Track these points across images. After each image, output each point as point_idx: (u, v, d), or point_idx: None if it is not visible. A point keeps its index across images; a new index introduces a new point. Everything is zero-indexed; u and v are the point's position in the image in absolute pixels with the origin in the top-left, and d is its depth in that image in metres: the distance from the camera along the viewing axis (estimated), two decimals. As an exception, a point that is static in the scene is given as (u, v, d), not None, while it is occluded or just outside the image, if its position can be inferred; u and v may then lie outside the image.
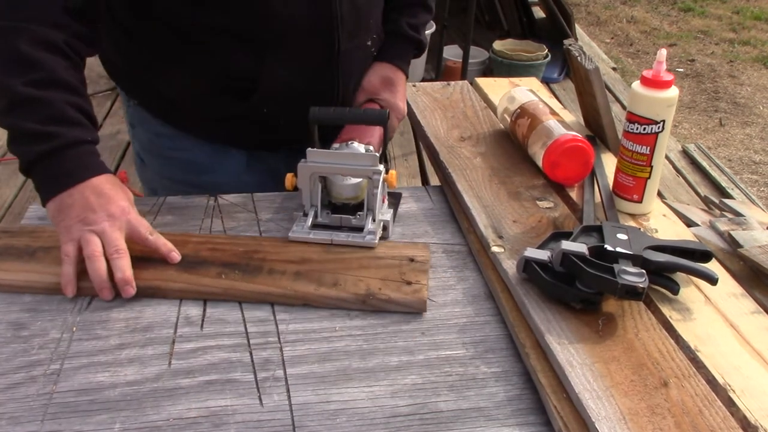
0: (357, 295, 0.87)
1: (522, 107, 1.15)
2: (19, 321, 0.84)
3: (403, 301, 0.87)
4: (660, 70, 0.95)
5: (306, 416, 0.72)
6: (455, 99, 1.35)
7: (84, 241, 0.86)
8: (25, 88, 0.88)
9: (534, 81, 1.46)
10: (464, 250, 0.99)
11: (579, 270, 0.80)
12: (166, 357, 0.79)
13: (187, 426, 0.70)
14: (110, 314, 0.85)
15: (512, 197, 1.04)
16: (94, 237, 0.86)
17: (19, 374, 0.76)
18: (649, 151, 0.98)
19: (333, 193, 1.01)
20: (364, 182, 1.00)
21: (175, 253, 0.91)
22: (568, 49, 1.20)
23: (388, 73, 1.21)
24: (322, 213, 0.99)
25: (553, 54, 3.82)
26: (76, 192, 0.88)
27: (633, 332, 0.78)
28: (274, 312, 0.86)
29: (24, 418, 0.71)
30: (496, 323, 0.85)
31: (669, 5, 5.88)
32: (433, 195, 1.13)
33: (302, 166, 0.98)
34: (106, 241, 0.86)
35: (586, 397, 0.69)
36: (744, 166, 3.53)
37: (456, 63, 3.70)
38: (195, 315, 0.85)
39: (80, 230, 0.86)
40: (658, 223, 1.01)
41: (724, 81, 4.49)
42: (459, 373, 0.78)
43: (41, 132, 0.88)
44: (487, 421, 0.72)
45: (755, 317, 0.83)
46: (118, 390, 0.74)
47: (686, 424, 0.67)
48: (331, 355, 0.80)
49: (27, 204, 2.78)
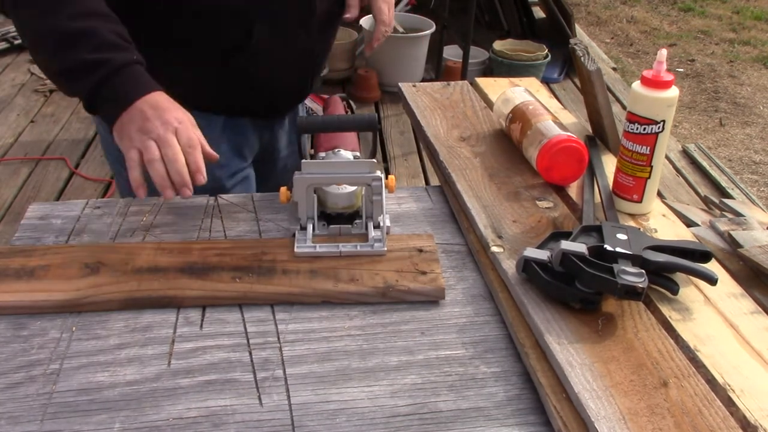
0: (376, 288, 0.87)
1: (513, 111, 1.16)
2: (18, 321, 0.84)
3: (423, 290, 0.88)
4: (660, 70, 0.95)
5: (305, 416, 0.72)
6: (455, 99, 1.35)
7: (144, 147, 0.92)
8: (69, 22, 0.93)
9: (534, 81, 1.46)
10: (464, 250, 0.99)
11: (578, 270, 0.80)
12: (166, 357, 0.79)
13: (187, 426, 0.70)
14: (110, 314, 0.85)
15: (512, 197, 1.04)
16: (152, 143, 0.92)
17: (19, 374, 0.76)
18: (649, 151, 0.98)
19: (328, 204, 0.99)
20: (359, 190, 0.99)
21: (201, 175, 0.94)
22: (573, 48, 1.20)
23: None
24: (319, 225, 0.98)
25: (553, 54, 3.82)
26: (133, 109, 0.94)
27: (632, 332, 0.79)
28: (274, 312, 0.86)
29: (23, 417, 0.71)
30: (496, 323, 0.85)
31: (669, 5, 5.88)
32: (433, 195, 1.13)
33: (299, 179, 0.95)
34: (162, 145, 0.92)
35: (585, 397, 0.69)
36: (744, 166, 3.53)
37: (456, 63, 3.70)
38: (194, 315, 0.85)
39: (140, 138, 0.93)
40: (658, 223, 1.01)
41: (724, 81, 4.49)
42: (459, 373, 0.78)
43: (94, 60, 0.93)
44: (486, 420, 0.72)
45: (755, 317, 0.83)
46: (118, 390, 0.74)
47: (686, 424, 0.67)
48: (331, 355, 0.80)
49: (27, 204, 2.78)
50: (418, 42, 3.70)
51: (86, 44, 0.94)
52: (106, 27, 0.96)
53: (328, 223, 0.98)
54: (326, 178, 0.96)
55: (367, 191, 0.97)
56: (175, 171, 0.91)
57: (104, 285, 0.87)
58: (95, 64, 0.94)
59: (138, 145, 0.93)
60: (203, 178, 0.93)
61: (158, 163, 0.91)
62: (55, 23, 0.94)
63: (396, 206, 1.09)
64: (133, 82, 0.96)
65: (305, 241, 0.95)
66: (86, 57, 0.93)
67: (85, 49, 0.94)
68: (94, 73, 0.94)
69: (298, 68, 1.24)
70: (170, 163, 0.91)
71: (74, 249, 0.94)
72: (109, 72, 0.94)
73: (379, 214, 0.98)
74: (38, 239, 0.99)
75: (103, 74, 0.94)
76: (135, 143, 0.93)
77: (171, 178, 0.91)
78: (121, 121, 0.94)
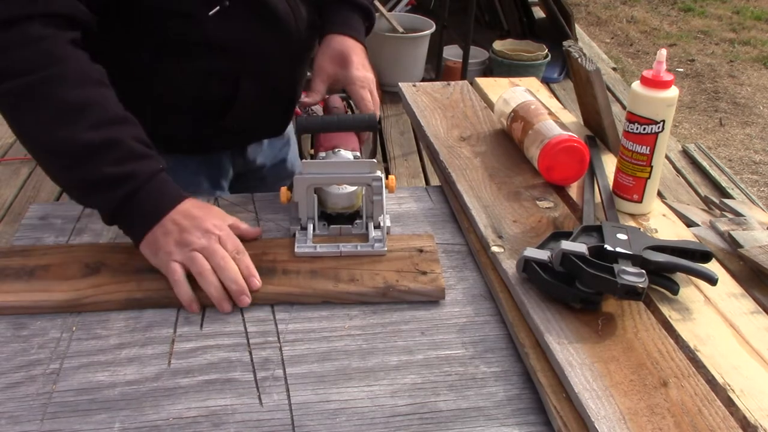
0: (376, 288, 0.87)
1: (515, 110, 1.16)
2: (18, 320, 0.84)
3: (423, 290, 0.88)
4: (660, 70, 0.95)
5: (305, 416, 0.72)
6: (455, 99, 1.35)
7: (189, 260, 0.85)
8: (90, 132, 0.84)
9: (534, 81, 1.46)
10: (464, 249, 0.99)
11: (579, 270, 0.80)
12: (166, 356, 0.79)
13: (187, 425, 0.70)
14: (110, 314, 0.85)
15: (512, 197, 1.04)
16: (196, 254, 0.85)
17: (19, 373, 0.76)
18: (649, 151, 0.98)
19: (328, 204, 0.99)
20: (359, 190, 0.99)
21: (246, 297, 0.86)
22: (568, 50, 1.20)
23: (337, 47, 1.11)
24: (319, 225, 0.98)
25: (553, 54, 3.82)
26: (167, 221, 0.87)
27: (632, 332, 0.79)
28: (274, 312, 0.86)
29: (23, 417, 0.71)
30: (496, 323, 0.85)
31: (669, 5, 5.88)
32: (433, 195, 1.13)
33: (299, 179, 0.95)
34: (208, 255, 0.86)
35: (585, 397, 0.69)
36: (744, 166, 3.53)
37: (456, 63, 3.70)
38: (194, 314, 0.85)
39: (181, 251, 0.86)
40: (658, 223, 1.01)
41: (724, 81, 4.49)
42: (459, 373, 0.78)
43: (120, 174, 0.85)
44: (486, 420, 0.72)
45: (755, 317, 0.83)
46: (118, 389, 0.74)
47: (686, 424, 0.67)
48: (331, 355, 0.80)
49: (27, 204, 2.78)
50: (418, 42, 3.70)
51: (109, 156, 0.85)
52: (129, 134, 0.88)
53: (328, 224, 0.98)
54: (326, 178, 0.96)
55: (367, 191, 0.97)
56: (230, 279, 0.85)
57: (104, 285, 0.87)
58: (119, 179, 0.85)
59: (179, 258, 0.85)
60: (258, 282, 0.86)
61: (210, 275, 0.84)
62: (74, 134, 0.84)
63: (396, 206, 1.09)
64: (160, 194, 0.89)
65: (305, 241, 0.95)
66: (109, 171, 0.85)
67: (108, 162, 0.85)
68: (118, 188, 0.86)
69: (281, 109, 1.20)
70: (222, 271, 0.85)
71: (74, 249, 0.94)
72: (134, 187, 0.86)
73: (379, 214, 0.97)
74: (38, 239, 0.99)
75: (128, 190, 0.86)
76: (175, 257, 0.85)
77: (226, 287, 0.85)
78: (153, 235, 0.87)
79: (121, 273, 0.89)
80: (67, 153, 0.85)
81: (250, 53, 1.05)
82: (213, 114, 1.10)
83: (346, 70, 1.10)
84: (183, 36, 1.00)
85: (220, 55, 1.04)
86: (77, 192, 0.90)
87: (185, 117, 1.08)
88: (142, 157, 0.88)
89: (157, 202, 0.88)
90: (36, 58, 0.84)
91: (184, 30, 1.00)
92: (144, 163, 0.88)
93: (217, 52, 1.03)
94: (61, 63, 0.86)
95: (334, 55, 1.11)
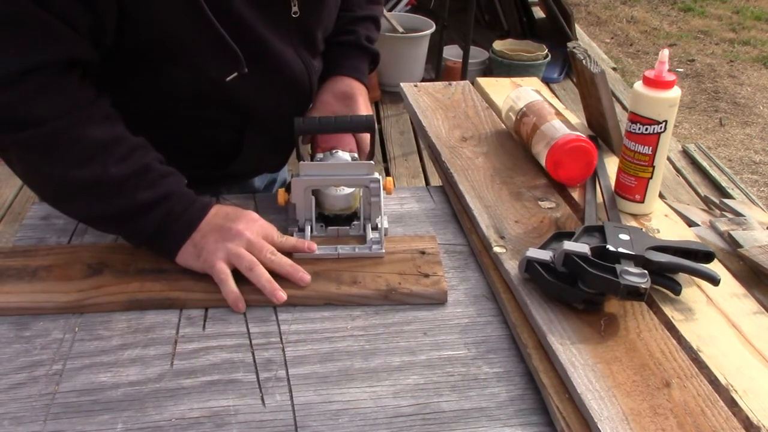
0: (379, 291, 0.87)
1: (528, 106, 1.15)
2: (21, 321, 0.84)
3: (425, 293, 0.88)
4: (662, 71, 0.95)
5: (308, 416, 0.72)
6: (456, 99, 1.35)
7: (234, 256, 0.87)
8: (119, 165, 0.86)
9: (535, 81, 1.46)
10: (466, 250, 0.99)
11: (581, 270, 0.80)
12: (168, 357, 0.79)
13: (189, 426, 0.70)
14: (112, 314, 0.85)
15: (514, 197, 1.04)
16: (241, 250, 0.87)
17: (22, 374, 0.76)
18: (651, 151, 0.98)
19: (326, 205, 0.99)
20: (357, 192, 0.99)
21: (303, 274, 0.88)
22: (572, 52, 1.19)
23: (343, 87, 1.15)
24: (316, 226, 0.98)
25: (553, 54, 3.82)
26: (203, 226, 0.89)
27: (635, 333, 0.79)
28: (276, 312, 0.86)
29: (26, 418, 0.71)
30: (498, 323, 0.85)
31: (669, 5, 5.89)
32: (435, 195, 1.13)
33: (297, 180, 0.95)
34: (254, 249, 0.88)
35: (588, 398, 0.69)
36: (744, 166, 3.53)
37: (456, 63, 3.70)
38: (197, 315, 0.85)
39: (224, 249, 0.87)
40: (660, 224, 1.01)
41: (724, 81, 4.49)
42: (461, 374, 0.78)
43: (156, 197, 0.88)
44: (489, 421, 0.72)
45: (757, 317, 0.83)
46: (121, 390, 0.74)
47: (689, 425, 0.67)
48: (333, 356, 0.80)
49: (27, 204, 2.78)
50: (418, 42, 3.70)
51: (141, 183, 0.87)
52: (152, 158, 0.90)
53: (326, 225, 0.98)
54: (324, 180, 0.96)
55: (365, 193, 0.97)
56: (281, 265, 0.87)
57: (107, 286, 0.87)
58: (156, 201, 0.88)
59: (223, 256, 0.86)
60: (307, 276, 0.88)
61: (259, 267, 0.86)
62: (106, 168, 0.86)
63: (398, 206, 1.09)
64: (192, 204, 0.91)
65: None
66: (146, 195, 0.87)
67: (142, 188, 0.87)
68: (156, 209, 0.88)
69: (282, 150, 1.22)
70: (272, 262, 0.87)
71: (77, 249, 0.94)
72: (170, 205, 0.89)
73: (377, 216, 0.97)
74: (41, 239, 0.99)
75: (166, 209, 0.88)
76: (218, 255, 0.86)
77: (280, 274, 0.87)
78: (192, 242, 0.88)
79: (123, 274, 0.89)
80: (101, 187, 0.86)
81: (262, 110, 1.06)
82: (216, 160, 1.11)
83: (350, 110, 1.14)
84: (196, 93, 1.00)
85: (231, 111, 1.05)
86: (114, 222, 0.90)
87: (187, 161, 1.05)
88: (169, 175, 0.91)
89: (192, 214, 0.90)
90: (55, 104, 0.85)
91: (199, 90, 1.00)
92: (172, 181, 0.91)
93: (227, 108, 1.04)
94: (79, 105, 0.87)
95: (339, 94, 1.15)
